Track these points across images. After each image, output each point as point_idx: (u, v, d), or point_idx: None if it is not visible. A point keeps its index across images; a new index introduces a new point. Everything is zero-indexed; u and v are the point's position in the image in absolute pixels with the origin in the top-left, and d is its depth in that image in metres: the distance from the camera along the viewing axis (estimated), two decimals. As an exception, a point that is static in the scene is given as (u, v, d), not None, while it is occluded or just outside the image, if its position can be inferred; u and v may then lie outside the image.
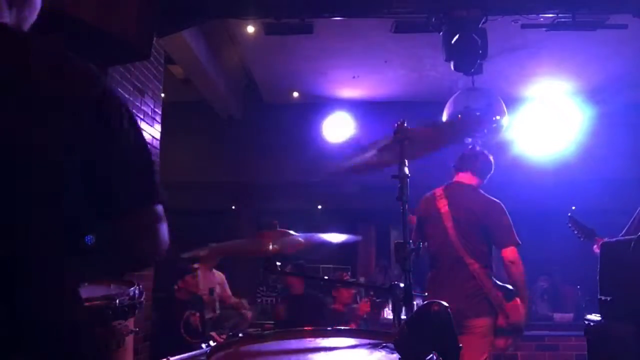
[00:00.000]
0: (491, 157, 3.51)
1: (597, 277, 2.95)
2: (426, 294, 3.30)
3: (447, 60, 4.53)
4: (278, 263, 1.89)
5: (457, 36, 4.37)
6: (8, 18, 0.99)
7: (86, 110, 0.91)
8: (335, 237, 2.02)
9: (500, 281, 3.29)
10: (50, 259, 0.90)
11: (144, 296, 2.09)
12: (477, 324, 3.14)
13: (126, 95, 4.02)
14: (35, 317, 0.85)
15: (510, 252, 3.20)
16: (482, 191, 3.43)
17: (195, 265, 5.63)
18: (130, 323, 2.04)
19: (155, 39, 3.95)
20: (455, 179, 3.48)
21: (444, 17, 4.43)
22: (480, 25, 4.47)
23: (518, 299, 3.22)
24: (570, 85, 7.18)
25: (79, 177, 0.91)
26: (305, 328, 1.68)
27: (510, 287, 3.25)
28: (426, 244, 3.30)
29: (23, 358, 0.83)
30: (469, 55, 4.46)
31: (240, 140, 8.10)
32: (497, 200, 3.34)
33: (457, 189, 3.41)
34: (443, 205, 3.32)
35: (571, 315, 6.74)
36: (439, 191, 3.42)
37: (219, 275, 6.04)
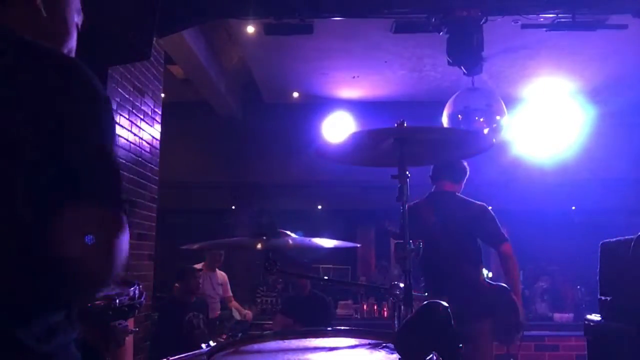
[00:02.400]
0: (465, 163, 3.50)
1: (597, 277, 2.96)
2: (426, 294, 3.30)
3: (452, 63, 4.52)
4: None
5: (459, 37, 4.37)
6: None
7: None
8: (330, 242, 1.98)
9: (494, 280, 3.32)
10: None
11: (144, 296, 2.09)
12: (479, 327, 3.15)
13: (126, 96, 4.02)
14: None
15: (505, 248, 3.24)
16: (463, 196, 3.44)
17: (198, 266, 5.64)
18: (130, 323, 2.04)
19: (155, 39, 3.95)
20: (435, 188, 3.48)
21: (444, 17, 4.42)
22: (480, 25, 4.47)
23: (514, 296, 3.23)
24: (570, 85, 7.18)
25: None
26: (305, 328, 1.68)
27: (504, 285, 3.27)
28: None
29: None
30: (471, 55, 4.46)
31: (240, 140, 8.10)
32: (481, 203, 3.36)
33: (440, 197, 3.42)
34: (429, 215, 3.30)
35: (571, 315, 6.74)
36: (422, 201, 3.41)
37: (221, 276, 6.05)
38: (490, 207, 3.39)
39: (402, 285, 1.75)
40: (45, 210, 0.86)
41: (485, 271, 3.43)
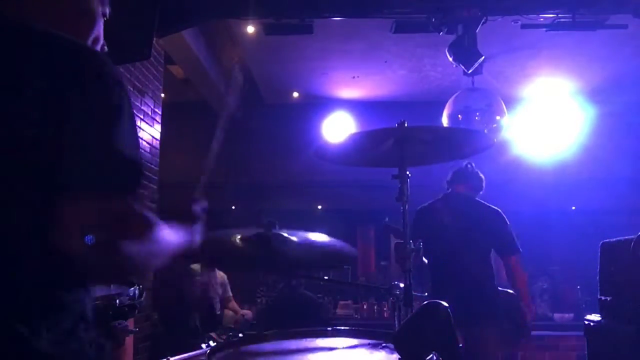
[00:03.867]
0: (482, 176, 3.49)
1: (597, 277, 2.96)
2: (426, 294, 3.28)
3: (453, 62, 4.52)
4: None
5: (461, 37, 4.38)
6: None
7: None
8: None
9: (502, 286, 3.30)
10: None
11: (144, 296, 2.09)
12: (487, 331, 3.14)
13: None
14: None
15: (513, 261, 3.20)
16: (480, 200, 3.41)
17: (197, 265, 5.63)
18: (130, 323, 2.04)
19: (155, 39, 3.95)
20: (451, 191, 3.45)
21: (444, 17, 4.42)
22: (480, 26, 4.47)
23: (523, 303, 3.22)
24: (570, 86, 7.17)
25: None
26: (305, 328, 1.68)
27: (511, 291, 3.26)
28: (425, 260, 3.20)
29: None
30: (470, 54, 4.46)
31: (240, 140, 8.09)
32: (497, 209, 3.32)
33: (456, 198, 3.39)
34: (443, 216, 3.28)
35: (571, 315, 6.74)
36: (436, 202, 3.39)
37: (221, 276, 6.03)
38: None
39: (402, 285, 1.75)
40: (47, 204, 0.81)
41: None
